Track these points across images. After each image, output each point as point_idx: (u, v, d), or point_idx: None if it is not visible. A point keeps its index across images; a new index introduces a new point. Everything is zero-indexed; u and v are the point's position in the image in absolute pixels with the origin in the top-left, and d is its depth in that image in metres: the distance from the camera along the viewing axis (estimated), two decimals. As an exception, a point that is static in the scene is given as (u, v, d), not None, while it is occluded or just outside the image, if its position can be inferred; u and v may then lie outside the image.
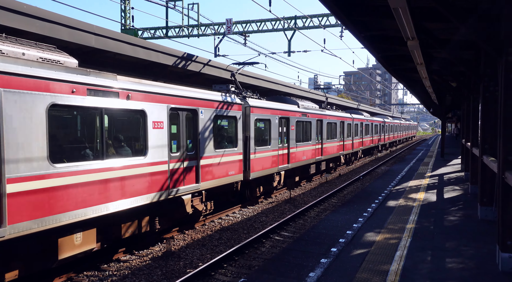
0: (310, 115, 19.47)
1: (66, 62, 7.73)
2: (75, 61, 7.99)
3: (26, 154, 6.60)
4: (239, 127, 13.11)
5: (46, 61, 7.23)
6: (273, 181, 15.77)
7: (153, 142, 9.29)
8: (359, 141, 29.90)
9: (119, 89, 8.37)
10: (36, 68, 6.79)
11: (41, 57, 7.23)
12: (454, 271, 6.46)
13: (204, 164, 11.21)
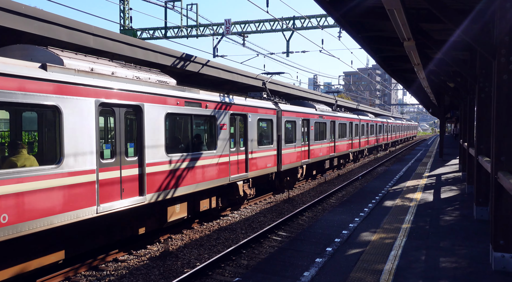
0: (325, 117, 22.25)
1: (170, 82, 10.57)
2: (174, 81, 10.88)
3: (156, 147, 9.57)
4: (274, 128, 15.99)
5: (161, 82, 10.17)
6: (297, 173, 18.67)
7: (220, 139, 12.22)
8: (365, 140, 32.61)
9: (201, 101, 11.35)
10: (158, 88, 9.75)
11: (158, 80, 10.15)
12: (447, 270, 6.51)
13: (251, 157, 14.13)
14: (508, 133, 6.08)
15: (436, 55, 12.01)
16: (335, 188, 17.78)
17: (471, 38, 6.51)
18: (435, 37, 10.09)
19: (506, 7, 5.87)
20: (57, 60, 7.83)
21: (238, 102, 13.37)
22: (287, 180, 17.94)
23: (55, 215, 7.08)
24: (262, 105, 15.15)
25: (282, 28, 21.88)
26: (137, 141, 9.10)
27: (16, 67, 6.59)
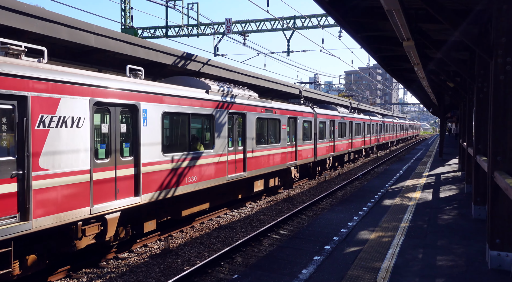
0: (345, 118, 26.62)
1: (255, 96, 14.96)
2: (257, 94, 15.11)
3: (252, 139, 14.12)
4: (312, 127, 20.36)
5: (252, 97, 14.59)
6: (325, 163, 23.25)
7: (282, 136, 16.60)
8: (375, 138, 37.04)
9: (272, 108, 15.77)
10: (252, 101, 14.33)
11: (250, 95, 14.54)
12: (444, 268, 6.59)
13: (299, 150, 18.48)
14: (504, 133, 6.15)
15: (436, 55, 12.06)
16: (335, 187, 17.85)
17: (468, 39, 6.58)
18: (434, 37, 10.15)
19: (503, 9, 5.93)
20: (206, 86, 12.12)
21: (292, 109, 17.89)
22: (319, 169, 22.46)
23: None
24: (305, 110, 19.58)
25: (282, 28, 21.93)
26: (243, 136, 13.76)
27: (193, 93, 11.04)
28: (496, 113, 6.19)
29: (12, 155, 6.45)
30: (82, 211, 7.53)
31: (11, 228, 6.28)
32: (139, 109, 9.00)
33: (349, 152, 27.94)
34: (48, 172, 6.91)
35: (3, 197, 6.26)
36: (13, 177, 6.42)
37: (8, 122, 6.41)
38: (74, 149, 7.42)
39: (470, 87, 12.56)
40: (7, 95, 6.30)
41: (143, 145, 9.06)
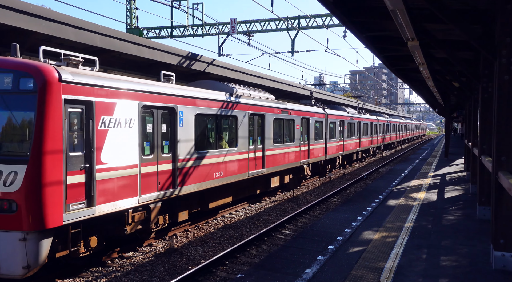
0: (354, 118, 27.40)
1: (272, 98, 16.27)
2: (273, 96, 16.60)
3: (269, 139, 15.09)
4: (323, 127, 21.31)
5: (268, 98, 15.71)
6: (335, 162, 24.27)
7: (296, 135, 17.58)
8: (381, 138, 37.77)
9: (288, 109, 16.76)
10: (269, 103, 15.33)
11: (268, 97, 15.72)
12: (448, 268, 6.58)
13: (311, 148, 19.40)
14: (509, 134, 6.13)
15: (441, 55, 12.03)
16: (339, 187, 17.85)
17: (472, 39, 6.57)
18: (439, 37, 10.13)
19: (507, 9, 5.92)
20: (230, 89, 13.11)
21: (304, 109, 18.85)
22: (329, 167, 23.43)
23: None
24: (317, 111, 20.56)
25: (287, 28, 21.94)
26: (261, 135, 14.81)
27: (220, 96, 12.17)
28: (500, 113, 6.18)
29: (81, 151, 7.51)
30: (132, 200, 8.61)
31: (80, 212, 7.39)
32: (177, 111, 10.10)
33: (357, 151, 28.76)
34: (107, 165, 7.98)
35: (74, 186, 7.31)
36: (82, 169, 7.49)
37: (78, 123, 7.50)
38: (127, 146, 8.50)
39: (475, 87, 12.52)
40: (78, 101, 7.42)
41: (179, 143, 10.14)
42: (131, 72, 15.76)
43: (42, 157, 6.73)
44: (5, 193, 6.70)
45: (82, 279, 8.01)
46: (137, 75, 15.46)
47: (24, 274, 6.75)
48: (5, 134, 7.14)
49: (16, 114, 7.02)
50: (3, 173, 6.74)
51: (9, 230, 6.65)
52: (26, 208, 6.61)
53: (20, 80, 6.88)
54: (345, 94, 73.92)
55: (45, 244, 6.89)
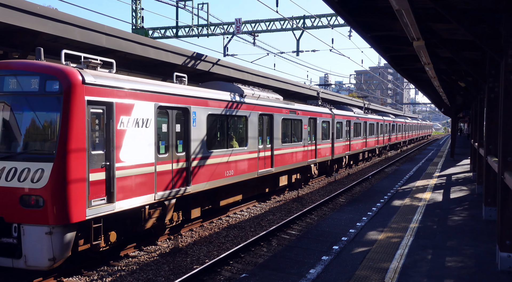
0: (360, 118, 27.71)
1: (280, 98, 16.46)
2: (281, 97, 16.76)
3: (277, 139, 15.34)
4: (330, 127, 21.64)
5: (276, 99, 15.96)
6: (342, 162, 24.53)
7: (304, 135, 17.93)
8: (387, 138, 37.98)
9: (295, 109, 17.07)
10: (278, 103, 15.62)
11: (276, 97, 16.00)
12: (453, 269, 6.56)
13: (318, 148, 19.77)
14: (515, 134, 6.10)
15: (446, 55, 11.97)
16: (344, 188, 17.81)
17: (478, 39, 6.53)
18: (445, 36, 10.07)
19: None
20: (240, 90, 13.35)
21: (311, 110, 19.25)
22: (336, 167, 23.73)
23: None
24: (324, 111, 20.92)
25: (292, 27, 21.93)
26: (270, 134, 15.30)
27: (231, 97, 12.45)
28: (506, 113, 6.15)
29: (102, 150, 7.85)
30: (149, 197, 8.96)
31: (101, 207, 7.75)
32: (190, 111, 10.44)
33: (364, 151, 29.08)
34: (126, 164, 8.30)
35: (96, 183, 7.65)
36: (103, 167, 7.83)
37: (99, 123, 7.85)
38: (143, 145, 8.84)
39: (482, 87, 12.44)
40: (100, 102, 7.76)
41: (192, 142, 10.50)
42: (137, 72, 15.82)
43: (67, 155, 7.09)
44: (32, 189, 7.04)
45: (88, 277, 8.05)
46: (142, 75, 15.53)
47: (50, 265, 7.06)
48: (32, 134, 7.58)
49: (43, 115, 7.43)
50: (31, 170, 7.07)
51: (36, 224, 6.99)
52: (52, 203, 6.97)
53: (46, 82, 7.23)
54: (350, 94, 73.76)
55: (69, 238, 7.25)
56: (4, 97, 7.58)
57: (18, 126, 7.52)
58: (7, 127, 7.55)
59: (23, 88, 7.43)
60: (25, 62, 7.82)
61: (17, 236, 7.10)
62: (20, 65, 7.68)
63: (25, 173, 7.10)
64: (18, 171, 7.13)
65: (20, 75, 7.46)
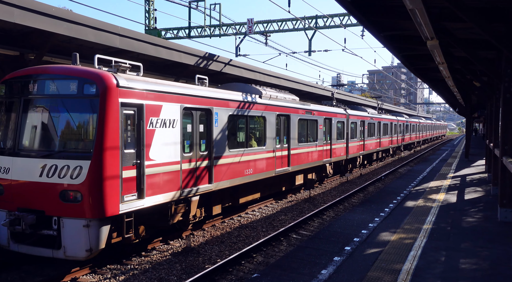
0: (374, 118, 27.84)
1: (296, 99, 16.59)
2: (297, 98, 16.88)
3: (294, 139, 15.67)
4: (344, 127, 21.82)
5: (293, 100, 16.16)
6: (356, 161, 24.65)
7: (319, 135, 18.23)
8: (401, 138, 37.75)
9: (311, 110, 17.37)
10: (294, 104, 15.88)
11: (292, 98, 16.18)
12: (467, 271, 6.47)
13: (333, 148, 19.99)
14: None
15: (461, 54, 11.82)
16: (356, 188, 17.70)
17: (494, 38, 6.44)
18: (459, 36, 9.95)
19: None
20: (258, 91, 13.67)
21: (327, 110, 19.58)
22: (350, 167, 23.81)
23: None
24: (339, 112, 21.16)
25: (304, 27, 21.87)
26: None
27: (250, 98, 12.89)
28: (522, 113, 6.04)
29: (133, 148, 8.32)
30: (174, 193, 9.41)
31: (132, 203, 8.22)
32: (212, 112, 10.91)
33: (377, 151, 29.22)
34: (154, 162, 8.76)
35: (128, 180, 8.13)
36: (134, 165, 8.29)
37: (131, 124, 8.33)
38: (170, 144, 9.27)
39: (497, 87, 12.25)
40: (132, 104, 8.24)
41: (214, 141, 10.95)
42: (149, 72, 15.93)
43: (103, 154, 7.55)
44: (71, 185, 7.51)
45: (101, 276, 8.15)
46: (155, 76, 15.63)
47: (87, 256, 7.52)
48: (70, 133, 8.09)
49: (81, 116, 7.98)
50: (70, 167, 7.55)
51: (75, 217, 7.49)
52: (89, 198, 7.44)
53: (84, 86, 7.73)
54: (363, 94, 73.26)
55: (104, 231, 7.70)
56: (45, 99, 8.14)
57: (58, 126, 8.08)
58: (47, 127, 8.11)
59: (63, 91, 7.92)
60: (64, 67, 8.30)
61: (57, 228, 7.56)
62: (59, 70, 8.18)
63: (64, 170, 7.57)
64: (58, 168, 7.59)
65: (59, 79, 7.96)
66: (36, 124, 8.18)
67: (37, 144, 8.14)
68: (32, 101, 8.21)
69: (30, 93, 8.16)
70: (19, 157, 7.96)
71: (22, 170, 7.88)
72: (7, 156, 8.09)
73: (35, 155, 7.90)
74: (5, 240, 8.01)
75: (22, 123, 8.14)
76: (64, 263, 8.57)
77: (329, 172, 20.09)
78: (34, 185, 7.72)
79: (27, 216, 7.55)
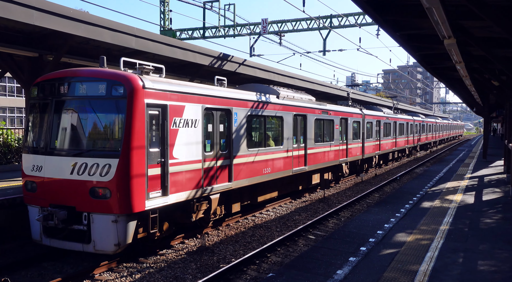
0: (390, 118, 27.68)
1: (312, 99, 16.62)
2: (314, 98, 16.86)
3: (311, 139, 15.91)
4: (360, 127, 21.81)
5: (309, 100, 16.22)
6: (372, 161, 24.71)
7: (336, 135, 18.30)
8: (417, 138, 37.34)
9: (327, 110, 17.43)
10: (312, 104, 16.10)
11: (309, 98, 16.27)
12: (486, 273, 6.37)
13: (349, 148, 20.05)
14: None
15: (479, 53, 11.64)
16: (371, 188, 17.55)
17: None
18: (477, 34, 9.80)
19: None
20: (276, 92, 13.89)
21: (343, 110, 19.54)
22: (366, 166, 23.82)
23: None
24: (354, 111, 21.16)
25: (319, 27, 21.79)
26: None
27: (268, 98, 13.04)
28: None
29: (157, 147, 8.60)
30: (196, 191, 9.72)
31: (157, 199, 8.52)
32: (232, 112, 11.16)
33: (393, 151, 29.12)
34: (178, 160, 9.03)
35: (153, 178, 8.43)
36: (158, 163, 8.57)
37: (155, 124, 8.60)
38: (192, 143, 9.55)
39: (516, 86, 12.02)
40: (156, 104, 8.52)
41: (234, 141, 11.20)
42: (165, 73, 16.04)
43: (130, 152, 7.86)
44: (100, 182, 7.85)
45: (118, 274, 8.25)
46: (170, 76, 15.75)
47: (115, 250, 7.88)
48: (99, 133, 8.45)
49: (109, 116, 8.30)
50: (99, 165, 7.87)
51: (104, 213, 7.82)
52: (117, 194, 7.77)
53: (112, 87, 8.05)
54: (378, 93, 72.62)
55: (131, 226, 8.04)
56: (75, 101, 8.46)
57: (87, 126, 8.44)
58: (77, 127, 8.49)
59: (92, 93, 8.25)
60: (93, 69, 8.66)
61: (87, 223, 7.90)
62: (89, 72, 8.53)
63: (94, 168, 7.89)
64: (88, 166, 7.93)
65: (88, 81, 8.30)
66: (67, 124, 8.51)
67: (68, 143, 8.49)
68: (63, 102, 8.53)
69: (61, 95, 8.49)
70: (51, 156, 8.33)
71: (54, 168, 8.24)
72: (40, 154, 8.45)
73: (66, 154, 8.25)
74: (38, 235, 8.43)
75: (53, 124, 8.47)
76: (82, 261, 8.71)
77: (345, 172, 20.10)
78: (66, 182, 8.08)
79: (59, 212, 7.90)
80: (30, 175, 8.55)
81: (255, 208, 13.53)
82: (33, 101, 8.95)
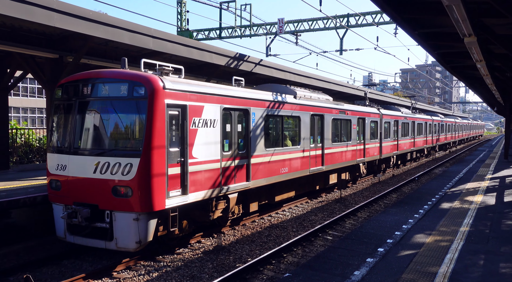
0: (408, 118, 27.32)
1: (330, 99, 16.59)
2: (331, 98, 16.82)
3: (327, 139, 15.69)
4: (378, 127, 21.54)
5: (327, 100, 16.17)
6: (390, 161, 24.39)
7: (353, 135, 18.08)
8: (436, 138, 36.75)
9: (345, 110, 17.32)
10: (329, 104, 16.04)
11: (326, 98, 16.20)
12: (508, 276, 6.22)
13: (366, 147, 19.81)
14: None
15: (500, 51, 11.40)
16: (389, 189, 17.35)
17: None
18: (499, 32, 9.60)
19: None
20: (293, 92, 13.80)
21: (361, 110, 19.44)
22: (383, 167, 23.63)
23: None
24: (372, 111, 20.96)
25: (335, 26, 21.65)
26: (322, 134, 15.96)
27: (285, 98, 13.01)
28: None
29: (177, 147, 8.72)
30: (215, 190, 9.79)
31: (177, 198, 8.65)
32: (250, 112, 11.17)
33: (412, 151, 28.69)
34: (197, 160, 9.15)
35: (173, 177, 8.56)
36: (178, 162, 8.71)
37: (175, 124, 8.71)
38: (211, 143, 9.65)
39: (539, 85, 11.73)
40: (176, 105, 8.65)
41: (252, 140, 11.23)
42: (182, 73, 16.15)
43: (151, 152, 7.99)
44: (122, 180, 8.01)
45: (136, 272, 8.35)
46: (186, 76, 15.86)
47: (136, 248, 8.02)
48: (121, 132, 8.61)
49: (130, 116, 8.45)
50: (121, 164, 8.03)
51: (126, 211, 7.98)
52: (139, 193, 7.91)
53: (134, 88, 8.19)
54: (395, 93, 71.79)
55: (152, 224, 8.19)
56: (97, 101, 8.63)
57: (109, 126, 8.61)
58: (100, 127, 8.65)
59: (114, 94, 8.40)
60: (115, 71, 8.82)
61: (109, 221, 8.06)
62: (111, 74, 8.68)
63: (116, 167, 8.05)
64: (110, 165, 8.09)
65: (110, 82, 8.46)
66: (90, 125, 8.69)
67: (91, 143, 8.68)
68: (86, 103, 8.71)
69: (84, 96, 8.67)
70: (75, 155, 8.53)
71: (77, 167, 8.43)
72: (64, 154, 8.66)
73: (89, 153, 8.43)
74: (62, 232, 8.63)
75: (77, 124, 8.67)
76: (100, 259, 8.84)
77: (362, 172, 19.92)
78: (89, 181, 8.26)
79: (82, 210, 8.08)
80: (55, 174, 8.75)
81: (271, 208, 13.55)
82: (57, 102, 9.16)
